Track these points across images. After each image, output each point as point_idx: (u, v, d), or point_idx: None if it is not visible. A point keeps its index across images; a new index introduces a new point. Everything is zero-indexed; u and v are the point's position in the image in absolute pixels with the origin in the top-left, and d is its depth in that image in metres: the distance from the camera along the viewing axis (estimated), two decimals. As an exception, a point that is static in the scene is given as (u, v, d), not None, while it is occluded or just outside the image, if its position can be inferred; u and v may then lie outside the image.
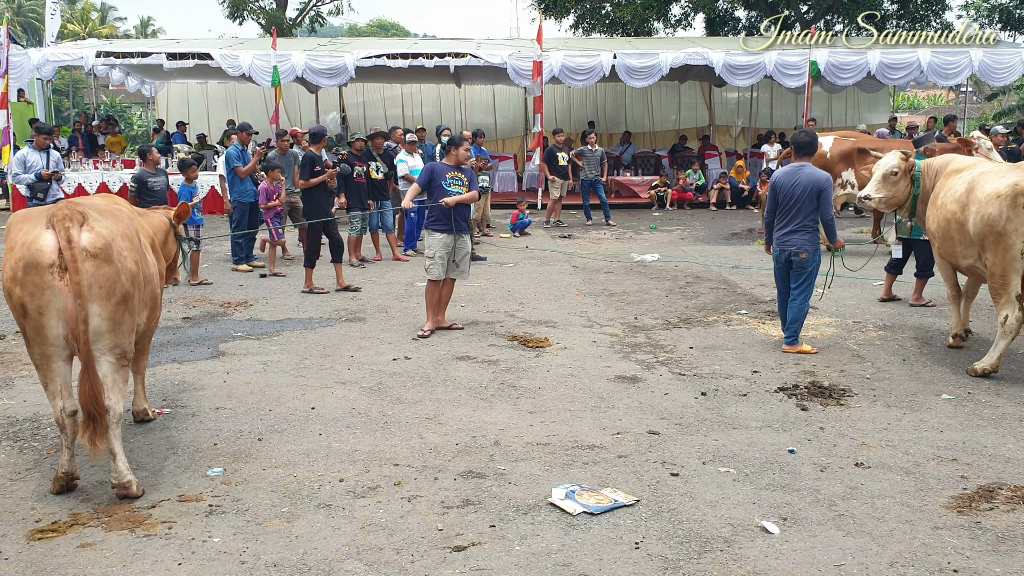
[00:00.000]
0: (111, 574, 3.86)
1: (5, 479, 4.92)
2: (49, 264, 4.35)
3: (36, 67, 17.65)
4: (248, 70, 18.14)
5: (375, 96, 26.08)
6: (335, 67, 18.65)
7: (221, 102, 25.18)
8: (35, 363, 4.62)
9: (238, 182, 12.01)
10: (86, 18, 52.41)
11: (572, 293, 10.38)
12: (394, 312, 9.36)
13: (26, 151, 10.99)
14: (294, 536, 4.24)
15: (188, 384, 6.69)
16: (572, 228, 16.44)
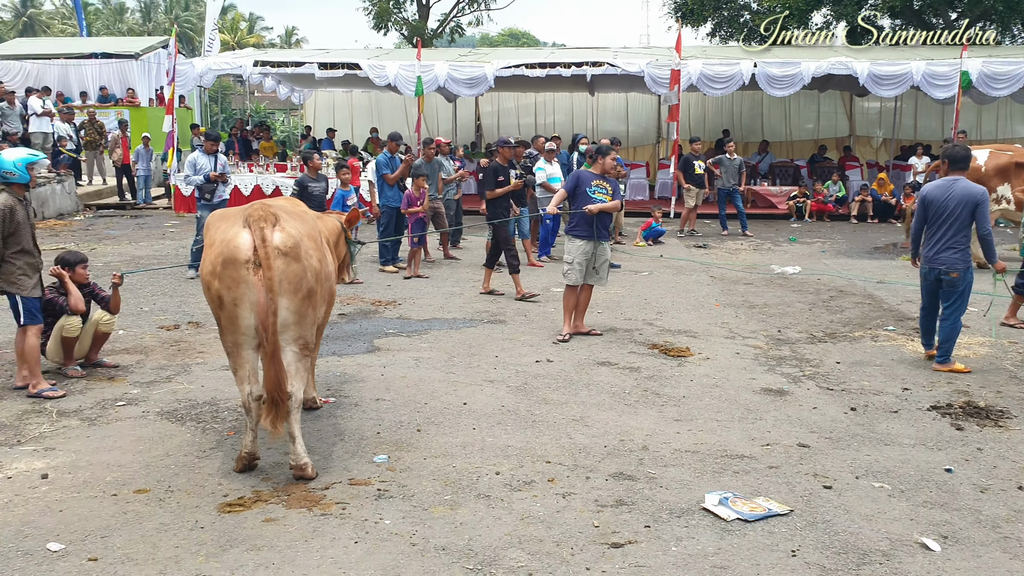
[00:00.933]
0: (295, 547, 4.19)
1: (192, 456, 5.38)
2: (245, 260, 4.75)
3: (199, 75, 18.85)
4: (394, 80, 18.82)
5: (509, 105, 26.56)
6: (475, 77, 19.12)
7: (365, 110, 26.17)
8: (227, 350, 5.04)
9: (386, 188, 12.53)
10: (235, 28, 55.24)
11: (711, 303, 10.36)
12: (533, 316, 9.59)
13: (196, 155, 11.79)
14: (458, 523, 4.48)
15: (349, 376, 7.09)
16: (707, 238, 16.32)
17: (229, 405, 6.32)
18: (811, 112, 25.79)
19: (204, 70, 18.97)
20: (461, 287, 11.27)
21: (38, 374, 6.52)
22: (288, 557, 4.08)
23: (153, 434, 5.76)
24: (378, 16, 30.08)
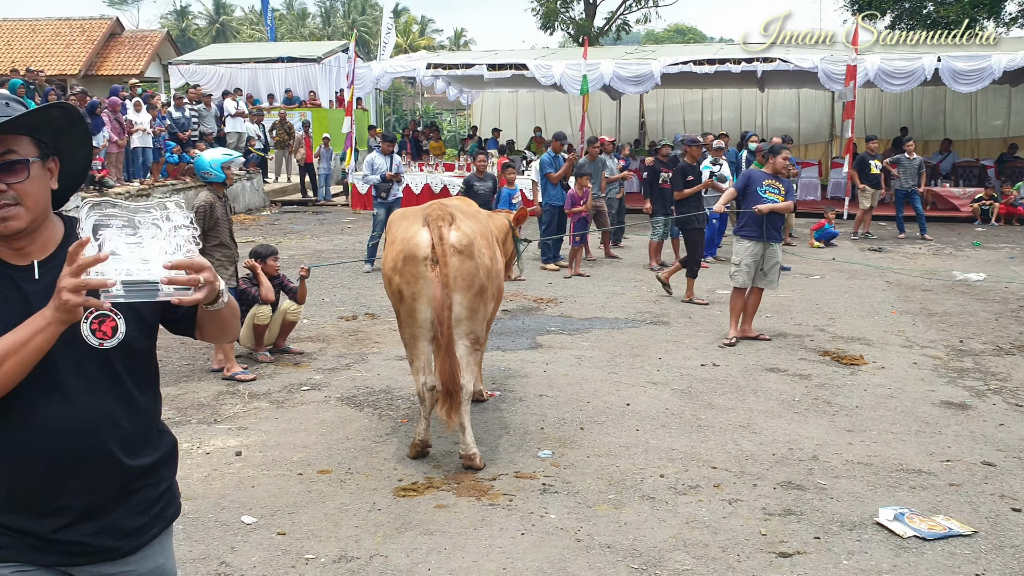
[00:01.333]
0: (465, 534, 4.37)
1: (370, 441, 5.68)
2: (424, 257, 4.98)
3: (376, 78, 19.71)
4: (559, 79, 19.01)
5: (674, 101, 26.24)
6: (641, 75, 19.04)
7: (529, 109, 26.55)
8: (404, 341, 5.30)
9: (549, 187, 12.69)
10: (408, 31, 57.20)
11: (887, 310, 9.90)
12: (697, 318, 9.48)
13: (374, 155, 12.36)
14: (623, 522, 4.53)
15: (513, 371, 7.27)
16: (883, 241, 15.58)
17: (403, 394, 6.63)
18: (1000, 108, 24.03)
19: (380, 73, 19.81)
20: (623, 287, 11.28)
21: (232, 358, 7.05)
22: (459, 543, 4.26)
23: (334, 418, 6.12)
24: (545, 16, 30.43)
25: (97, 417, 2.01)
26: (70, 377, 1.98)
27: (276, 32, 36.20)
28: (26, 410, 1.94)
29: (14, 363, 1.83)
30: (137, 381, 2.11)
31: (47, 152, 2.01)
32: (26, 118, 1.92)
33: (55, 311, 1.78)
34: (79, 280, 1.71)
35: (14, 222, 1.92)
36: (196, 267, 1.79)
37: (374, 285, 10.92)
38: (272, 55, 25.35)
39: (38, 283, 1.97)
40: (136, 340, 2.06)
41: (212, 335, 2.22)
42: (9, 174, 1.91)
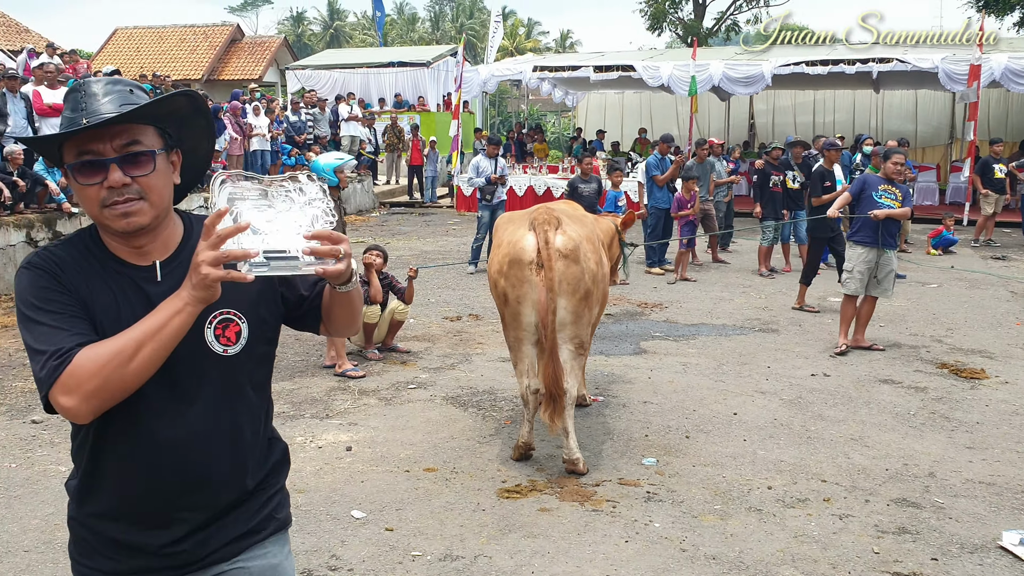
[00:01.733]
0: (568, 539, 4.38)
1: (474, 441, 5.76)
2: (529, 261, 5.01)
3: (483, 82, 19.93)
4: (667, 80, 18.83)
5: (785, 103, 25.61)
6: (752, 75, 18.67)
7: (635, 111, 26.35)
8: (508, 344, 5.34)
9: (655, 189, 12.59)
10: (514, 33, 57.58)
11: (1011, 322, 9.42)
12: (807, 326, 9.23)
13: (479, 158, 12.51)
14: (728, 534, 4.46)
15: (616, 376, 7.23)
16: (1007, 248, 14.82)
17: (506, 395, 6.68)
18: None
19: (488, 76, 20.02)
20: (730, 292, 11.08)
21: (343, 355, 7.26)
22: (562, 548, 4.27)
23: (439, 417, 6.22)
24: (654, 17, 30.15)
25: (219, 429, 1.92)
26: (192, 387, 1.88)
27: (386, 36, 37.01)
28: (147, 421, 1.85)
29: (151, 350, 1.70)
30: (257, 388, 2.01)
31: (171, 144, 1.90)
32: (152, 107, 1.81)
33: (193, 289, 1.66)
34: (219, 252, 1.60)
35: (137, 218, 1.80)
36: (335, 239, 1.69)
37: (478, 286, 11.05)
38: (383, 60, 25.93)
39: (161, 285, 1.85)
40: (258, 345, 1.97)
41: (339, 324, 2.07)
42: (134, 166, 1.79)
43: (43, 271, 1.80)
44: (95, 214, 1.82)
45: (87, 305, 1.80)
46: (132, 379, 1.71)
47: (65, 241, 1.90)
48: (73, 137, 1.78)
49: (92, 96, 1.80)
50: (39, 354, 1.72)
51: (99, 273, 1.85)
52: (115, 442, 1.88)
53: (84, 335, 1.74)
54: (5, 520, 4.58)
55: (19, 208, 10.76)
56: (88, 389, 1.68)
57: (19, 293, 1.81)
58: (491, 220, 12.21)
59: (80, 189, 1.81)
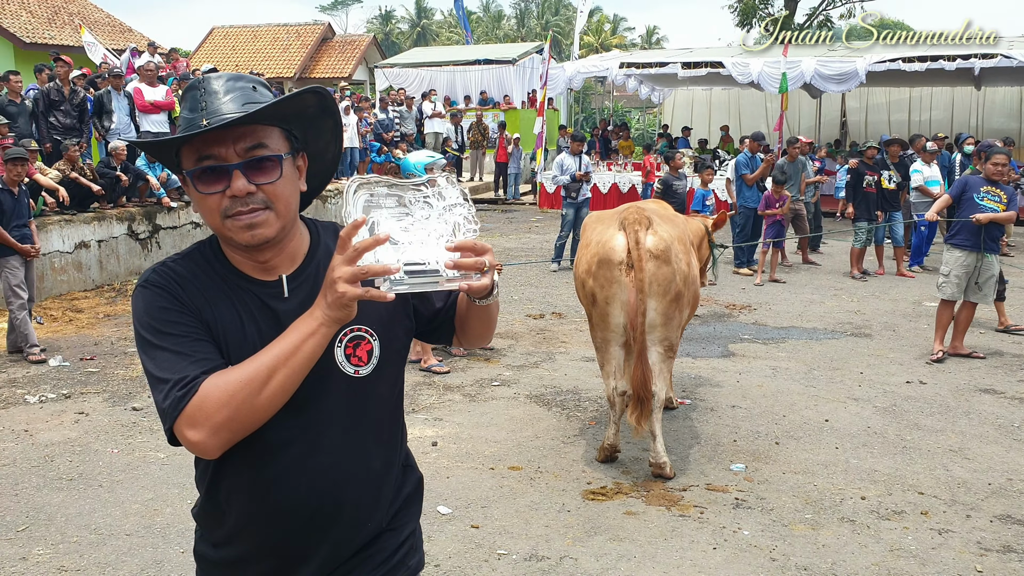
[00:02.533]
0: (655, 544, 4.32)
1: (558, 441, 5.74)
2: (619, 262, 4.96)
3: (569, 79, 19.85)
4: (757, 77, 18.43)
5: (879, 100, 24.78)
6: (845, 72, 18.12)
7: (722, 108, 25.90)
8: (596, 345, 5.30)
9: (744, 188, 12.34)
10: (599, 30, 57.29)
11: (1125, 332, 8.93)
12: (902, 331, 8.93)
13: (563, 156, 12.46)
14: (820, 544, 4.33)
15: (703, 379, 7.12)
16: (1120, 255, 14.06)
17: (590, 395, 6.64)
18: None
19: (573, 73, 19.94)
20: (821, 295, 10.79)
21: (429, 350, 7.33)
22: (648, 553, 4.22)
23: (523, 415, 6.23)
24: (743, 13, 29.58)
25: (351, 457, 1.75)
26: (321, 412, 1.71)
27: (473, 34, 37.25)
28: (271, 450, 1.69)
29: (283, 376, 1.53)
30: (389, 411, 1.85)
31: (297, 147, 1.72)
32: (279, 106, 1.63)
33: (328, 308, 1.50)
34: (357, 268, 1.43)
35: (263, 230, 1.63)
36: (480, 249, 1.51)
37: (561, 284, 11.02)
38: (470, 57, 26.09)
39: (288, 301, 1.69)
40: (390, 364, 1.79)
41: (474, 336, 1.90)
42: (259, 172, 1.62)
43: (162, 290, 1.65)
44: (216, 225, 1.65)
45: (210, 326, 1.66)
46: (264, 409, 1.56)
47: (184, 255, 1.75)
48: (192, 140, 1.62)
49: (212, 94, 1.63)
50: (161, 383, 1.58)
51: (222, 290, 1.69)
52: (237, 473, 1.73)
53: (209, 360, 1.60)
54: (108, 504, 4.76)
55: (121, 201, 11.19)
56: (217, 422, 1.54)
57: (137, 315, 1.66)
58: (575, 218, 12.17)
59: (200, 199, 1.64)
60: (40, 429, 5.93)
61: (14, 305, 7.56)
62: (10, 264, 7.55)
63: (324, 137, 1.80)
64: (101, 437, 5.78)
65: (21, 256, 7.62)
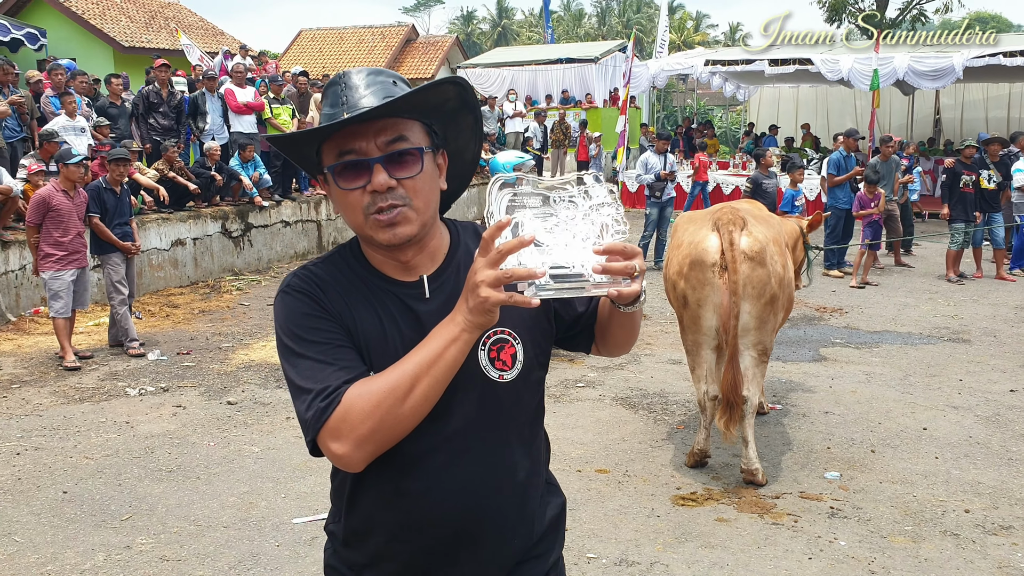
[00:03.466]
0: (747, 552, 4.23)
1: (646, 445, 5.67)
2: (712, 263, 4.87)
3: (652, 77, 19.68)
4: (847, 74, 17.95)
5: (976, 96, 23.86)
6: (941, 68, 17.51)
7: (810, 105, 25.30)
8: (686, 348, 5.22)
9: (836, 188, 12.02)
10: (682, 27, 56.61)
11: None
12: (1003, 337, 8.57)
13: (648, 154, 12.35)
14: (922, 558, 4.18)
15: (795, 384, 6.95)
16: None
17: (677, 399, 6.56)
18: None
19: (657, 71, 19.75)
20: (915, 298, 10.44)
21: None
22: (741, 561, 4.13)
23: (609, 417, 6.18)
24: (832, 8, 28.81)
25: (498, 468, 1.67)
26: (465, 419, 1.63)
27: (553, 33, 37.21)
28: (414, 461, 1.62)
29: (427, 385, 1.48)
30: (533, 420, 1.75)
31: (438, 143, 1.66)
32: (419, 96, 1.56)
33: (469, 313, 1.44)
34: (501, 272, 1.36)
35: (404, 227, 1.57)
36: (629, 252, 1.41)
37: (645, 285, 10.90)
38: (551, 57, 26.07)
39: (430, 302, 1.64)
40: (534, 369, 1.70)
41: (616, 344, 1.80)
42: (399, 166, 1.56)
43: (304, 295, 1.62)
44: (359, 223, 1.60)
45: (351, 331, 1.61)
46: (408, 419, 1.51)
47: (325, 258, 1.72)
48: (333, 135, 1.57)
49: (353, 89, 1.59)
50: (303, 392, 1.54)
51: (363, 292, 1.65)
52: (378, 486, 1.66)
53: (352, 369, 1.55)
54: (206, 496, 4.90)
55: (215, 201, 11.52)
56: (361, 433, 1.49)
57: (279, 321, 1.63)
58: (659, 217, 12.06)
59: (341, 196, 1.60)
60: (140, 421, 6.14)
61: (115, 300, 7.85)
62: (112, 261, 7.84)
63: (464, 135, 1.73)
64: (198, 430, 5.95)
65: (122, 253, 7.91)
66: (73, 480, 5.12)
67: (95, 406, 6.50)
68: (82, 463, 5.39)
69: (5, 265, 8.68)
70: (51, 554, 4.24)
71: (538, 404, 1.78)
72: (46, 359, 7.69)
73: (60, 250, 7.37)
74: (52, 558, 4.20)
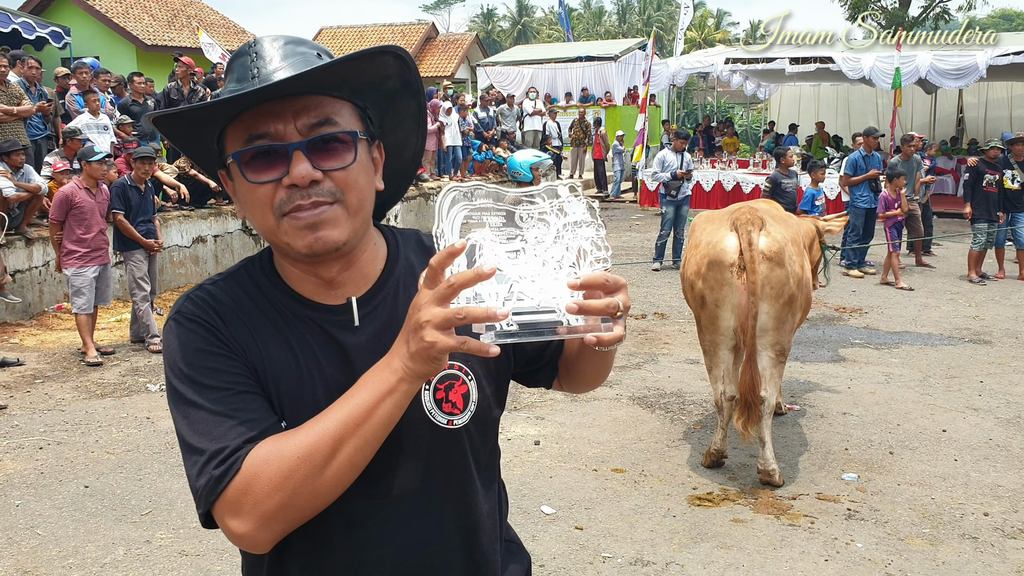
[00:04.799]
0: (763, 553, 4.22)
1: (662, 444, 5.67)
2: (730, 263, 4.86)
3: (672, 75, 19.60)
4: (868, 73, 17.81)
5: (1000, 95, 23.60)
6: (964, 67, 17.34)
7: (831, 104, 25.15)
8: (704, 348, 5.22)
9: (855, 188, 11.95)
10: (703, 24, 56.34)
11: None
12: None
13: (665, 152, 12.32)
14: (939, 561, 4.16)
15: (813, 384, 6.92)
16: None
17: (694, 398, 6.55)
18: None
19: (677, 69, 19.67)
20: (936, 299, 10.36)
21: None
22: (757, 562, 4.13)
23: (626, 417, 6.18)
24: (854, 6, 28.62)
25: (448, 533, 1.38)
26: (407, 475, 1.33)
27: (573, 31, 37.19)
28: (347, 529, 1.32)
29: (353, 449, 1.17)
30: (485, 469, 1.45)
31: (374, 132, 1.35)
32: (351, 66, 1.23)
33: (410, 359, 1.12)
34: (451, 311, 1.06)
35: (330, 231, 1.24)
36: (612, 286, 1.12)
37: (663, 284, 10.90)
38: (571, 55, 26.04)
39: (359, 332, 1.32)
40: (488, 410, 1.41)
41: (584, 382, 1.54)
42: (327, 155, 1.24)
43: (198, 325, 1.28)
44: (269, 227, 1.26)
45: (257, 370, 1.28)
46: (328, 491, 1.20)
47: (228, 275, 1.38)
48: (242, 115, 1.24)
49: (265, 59, 1.26)
50: (194, 452, 1.22)
51: (273, 319, 1.32)
52: (303, 562, 1.35)
53: (256, 422, 1.23)
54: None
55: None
56: (267, 509, 1.18)
57: (168, 356, 1.29)
58: (676, 216, 12.02)
59: (248, 190, 1.26)
60: (161, 416, 6.20)
61: (138, 297, 7.93)
62: (135, 258, 7.92)
63: (404, 125, 1.42)
64: (217, 426, 6.00)
65: (145, 250, 7.98)
66: (95, 475, 5.19)
67: (116, 401, 6.57)
68: (103, 458, 5.46)
69: (29, 261, 8.79)
70: (72, 548, 4.30)
71: (492, 449, 1.49)
72: (69, 355, 7.78)
73: (82, 247, 7.46)
74: (73, 552, 4.26)
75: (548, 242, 1.15)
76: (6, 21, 15.27)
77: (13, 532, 4.47)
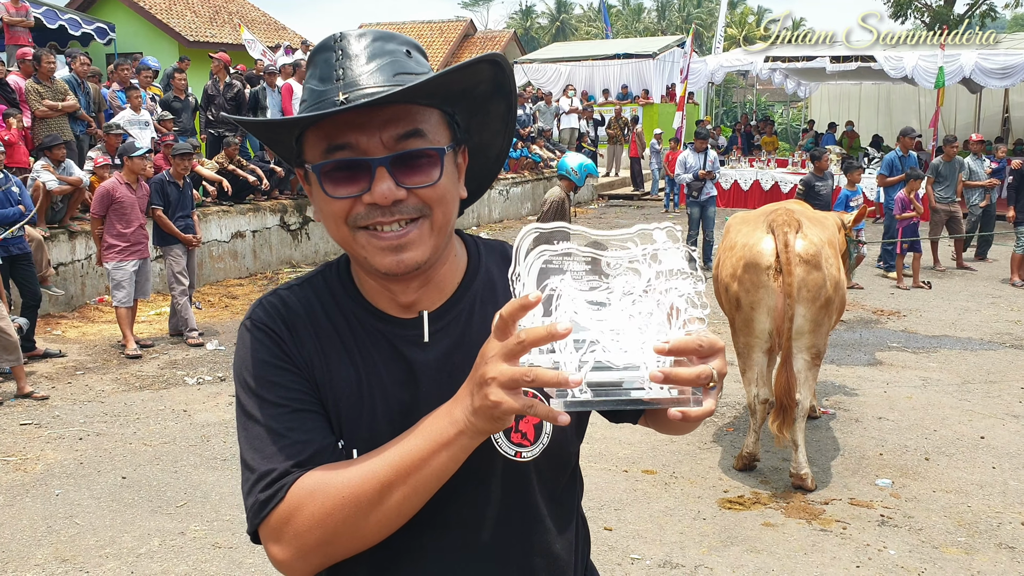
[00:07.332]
0: (794, 558, 4.19)
1: (694, 446, 5.64)
2: (767, 266, 4.82)
3: (711, 73, 19.49)
4: (911, 72, 17.57)
5: (1048, 94, 23.13)
6: (1011, 66, 17.04)
7: (872, 103, 24.81)
8: (737, 351, 5.18)
9: (890, 188, 11.79)
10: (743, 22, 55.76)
11: None
12: (1069, 345, 8.32)
13: (687, 153, 12.24)
14: (975, 571, 4.10)
15: (848, 388, 6.85)
16: None
17: (726, 401, 6.50)
18: None
19: (716, 67, 19.57)
20: (977, 302, 10.18)
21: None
22: (787, 567, 4.10)
23: (658, 419, 6.14)
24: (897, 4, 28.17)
25: (513, 570, 1.28)
26: (470, 509, 1.25)
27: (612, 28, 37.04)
28: (402, 565, 1.25)
29: (402, 496, 1.10)
30: (560, 505, 1.34)
31: (460, 138, 1.24)
32: (446, 79, 1.15)
33: (472, 415, 1.04)
34: (520, 370, 0.97)
35: (414, 252, 1.17)
36: (707, 350, 0.99)
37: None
38: (609, 52, 25.96)
39: (429, 349, 1.24)
40: (565, 443, 1.31)
41: (673, 430, 1.38)
42: (413, 171, 1.16)
43: (265, 335, 1.24)
44: (343, 237, 1.20)
45: (320, 385, 1.24)
46: (371, 534, 1.14)
47: (305, 280, 1.32)
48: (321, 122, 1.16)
49: (352, 59, 1.17)
50: (246, 468, 1.20)
51: (341, 331, 1.26)
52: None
53: (308, 444, 1.18)
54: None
55: (274, 194, 11.73)
56: (306, 543, 1.14)
57: (236, 362, 1.27)
58: (700, 216, 11.91)
59: (324, 201, 1.18)
60: (198, 410, 6.30)
61: (176, 291, 8.05)
62: (174, 252, 8.05)
63: (492, 126, 1.33)
64: (252, 420, 6.08)
65: (184, 245, 8.10)
66: (132, 466, 5.29)
67: (154, 394, 6.69)
68: (141, 449, 5.56)
69: (72, 255, 8.96)
70: (109, 537, 4.39)
71: (569, 482, 1.38)
72: (109, 347, 7.93)
73: (123, 241, 7.59)
74: (110, 541, 4.35)
75: (637, 294, 1.01)
76: (53, 18, 15.58)
77: (53, 520, 4.58)
